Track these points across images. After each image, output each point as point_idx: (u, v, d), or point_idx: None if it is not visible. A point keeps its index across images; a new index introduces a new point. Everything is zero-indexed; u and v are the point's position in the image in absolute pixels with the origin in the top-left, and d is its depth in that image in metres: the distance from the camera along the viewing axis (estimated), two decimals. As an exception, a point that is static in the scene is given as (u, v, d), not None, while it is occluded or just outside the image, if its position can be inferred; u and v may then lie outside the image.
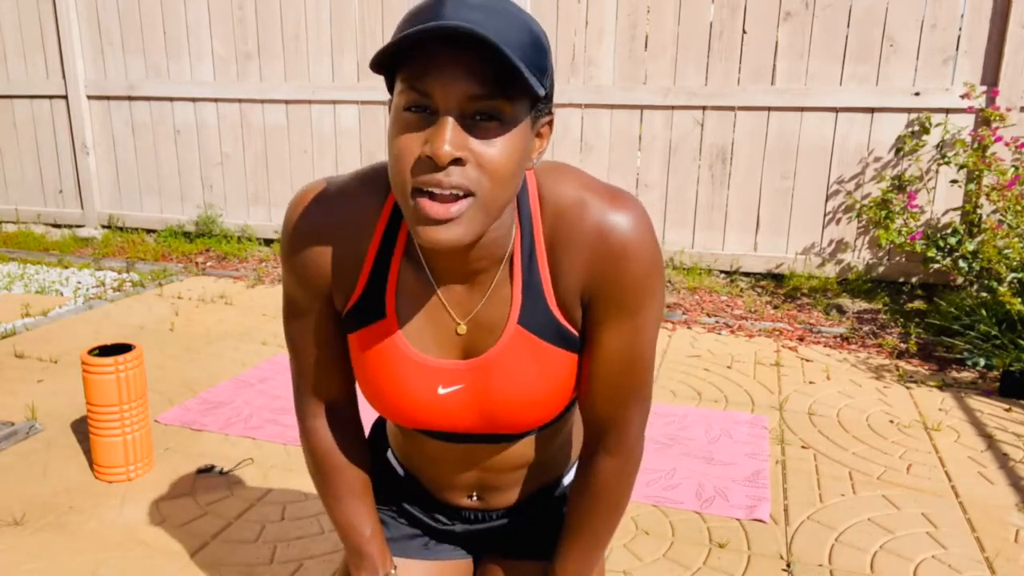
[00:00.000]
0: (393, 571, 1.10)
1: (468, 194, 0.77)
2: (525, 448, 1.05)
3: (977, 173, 3.82)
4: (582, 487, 1.04)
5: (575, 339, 0.95)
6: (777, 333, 3.67)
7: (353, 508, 1.08)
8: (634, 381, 0.96)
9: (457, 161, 0.75)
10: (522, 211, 0.90)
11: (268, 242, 5.26)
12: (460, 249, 0.85)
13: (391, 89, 0.81)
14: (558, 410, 0.99)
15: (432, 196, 0.76)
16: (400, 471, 1.17)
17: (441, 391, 0.95)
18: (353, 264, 0.93)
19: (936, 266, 3.95)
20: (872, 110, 4.03)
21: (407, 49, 0.74)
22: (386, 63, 0.77)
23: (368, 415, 2.47)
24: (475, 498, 1.11)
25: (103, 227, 5.62)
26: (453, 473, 1.08)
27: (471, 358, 0.95)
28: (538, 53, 0.78)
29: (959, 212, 4.00)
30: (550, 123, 0.85)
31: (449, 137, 0.74)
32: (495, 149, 0.76)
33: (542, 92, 0.76)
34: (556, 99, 4.43)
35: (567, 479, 1.17)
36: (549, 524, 1.15)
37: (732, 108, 4.23)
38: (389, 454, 1.20)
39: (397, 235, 0.93)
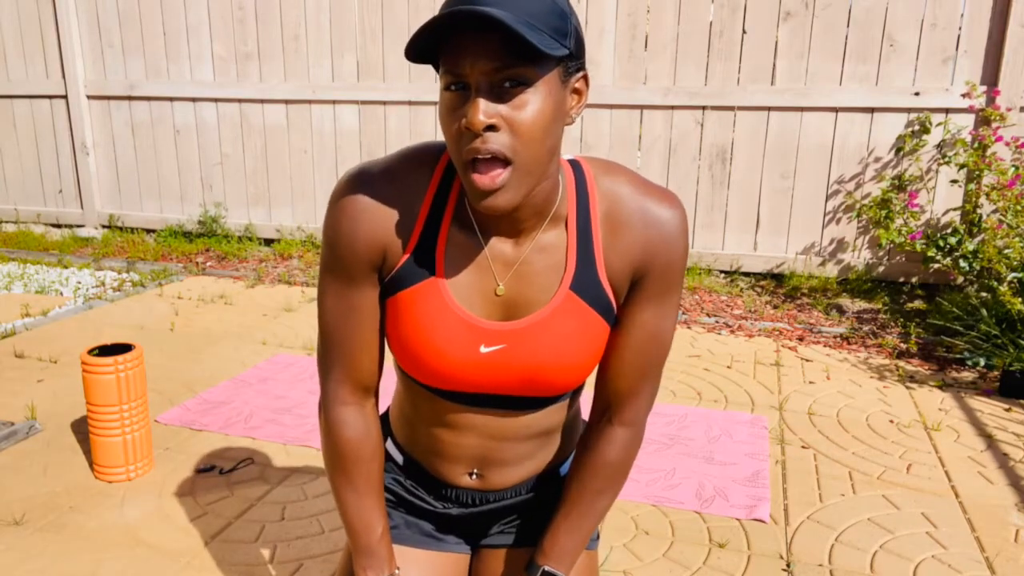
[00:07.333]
0: (397, 571, 1.11)
1: (507, 162, 0.85)
2: (534, 418, 1.08)
3: (977, 173, 3.82)
4: (589, 457, 1.08)
5: (613, 312, 1.02)
6: (777, 333, 3.67)
7: (369, 504, 1.09)
8: (658, 356, 1.05)
9: (491, 127, 0.84)
10: (579, 187, 0.99)
11: (268, 242, 5.26)
12: (513, 211, 0.94)
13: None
14: (586, 377, 1.05)
15: (479, 169, 0.86)
16: (399, 458, 1.18)
17: (483, 350, 0.99)
18: (403, 228, 0.99)
19: (936, 266, 3.95)
20: (872, 110, 4.03)
21: (438, 35, 0.83)
22: (420, 52, 0.85)
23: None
24: (475, 476, 1.12)
25: (103, 227, 5.62)
26: (460, 443, 1.09)
27: (512, 319, 0.99)
28: (558, 18, 0.84)
29: (959, 212, 4.00)
30: (585, 79, 0.92)
31: (480, 107, 0.83)
32: (524, 112, 0.84)
33: (561, 53, 0.83)
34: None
35: (563, 469, 1.18)
36: (544, 512, 1.17)
37: (732, 108, 4.23)
38: (388, 443, 1.21)
39: (447, 199, 0.99)
